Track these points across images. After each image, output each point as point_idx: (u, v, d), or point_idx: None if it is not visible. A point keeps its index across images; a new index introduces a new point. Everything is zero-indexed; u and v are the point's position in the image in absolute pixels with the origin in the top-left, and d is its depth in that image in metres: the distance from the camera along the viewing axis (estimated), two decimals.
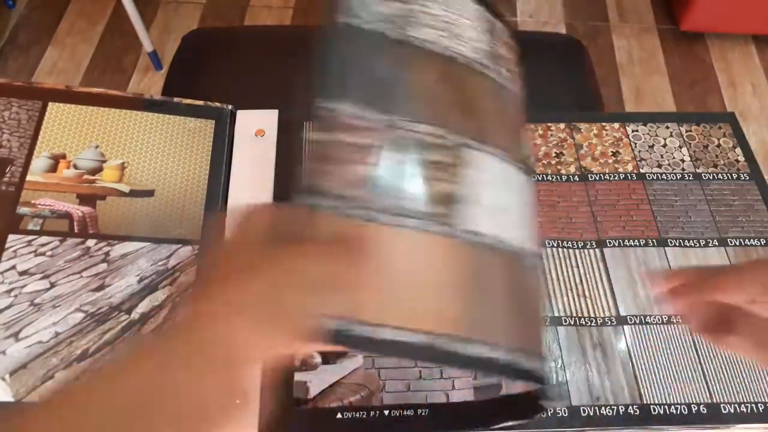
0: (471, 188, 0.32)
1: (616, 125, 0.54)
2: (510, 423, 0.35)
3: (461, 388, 0.40)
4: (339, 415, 0.39)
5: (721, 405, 0.40)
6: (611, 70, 1.38)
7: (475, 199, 0.32)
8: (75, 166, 0.47)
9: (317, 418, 0.39)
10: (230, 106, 0.52)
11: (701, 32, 1.43)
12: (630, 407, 0.40)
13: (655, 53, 1.42)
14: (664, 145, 0.53)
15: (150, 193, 0.47)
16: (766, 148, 1.28)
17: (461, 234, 0.31)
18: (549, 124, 0.53)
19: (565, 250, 0.46)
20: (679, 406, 0.40)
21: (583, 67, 0.78)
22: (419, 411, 0.39)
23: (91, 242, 0.44)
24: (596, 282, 0.45)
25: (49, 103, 0.49)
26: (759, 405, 0.40)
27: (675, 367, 0.41)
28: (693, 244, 0.47)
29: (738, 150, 0.52)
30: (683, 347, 0.42)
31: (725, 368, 0.42)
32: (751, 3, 1.33)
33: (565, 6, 1.50)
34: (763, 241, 0.47)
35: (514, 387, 0.40)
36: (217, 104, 0.51)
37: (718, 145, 0.53)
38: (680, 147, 0.52)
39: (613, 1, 1.51)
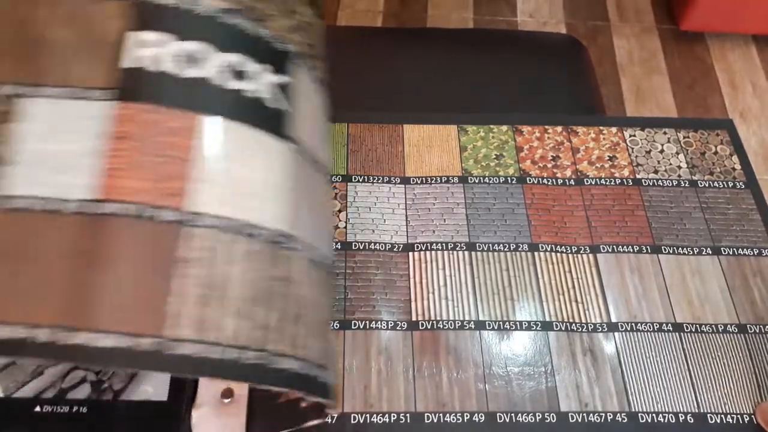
0: (25, 146, 0.29)
1: (614, 129, 0.54)
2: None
3: None
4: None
5: (708, 415, 0.40)
6: (611, 70, 1.38)
7: (29, 157, 0.28)
8: None
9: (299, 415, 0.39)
10: None
11: (701, 32, 1.43)
12: (618, 414, 0.40)
13: (655, 53, 1.42)
14: (661, 151, 0.53)
15: None
16: (767, 148, 1.28)
17: (6, 201, 0.28)
18: (546, 127, 0.53)
19: (558, 254, 0.46)
20: (666, 415, 0.40)
21: (583, 67, 0.78)
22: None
23: None
24: (588, 287, 0.45)
25: None
26: (744, 416, 0.40)
27: (664, 375, 0.42)
28: (686, 252, 0.47)
29: (735, 158, 0.52)
30: (673, 356, 0.42)
31: (714, 379, 0.42)
32: (751, 3, 1.32)
33: (565, 6, 1.49)
34: (756, 251, 0.47)
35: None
36: None
37: (715, 153, 0.53)
38: (677, 153, 0.52)
39: (613, 1, 1.51)
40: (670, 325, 0.44)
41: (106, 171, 0.29)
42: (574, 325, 0.43)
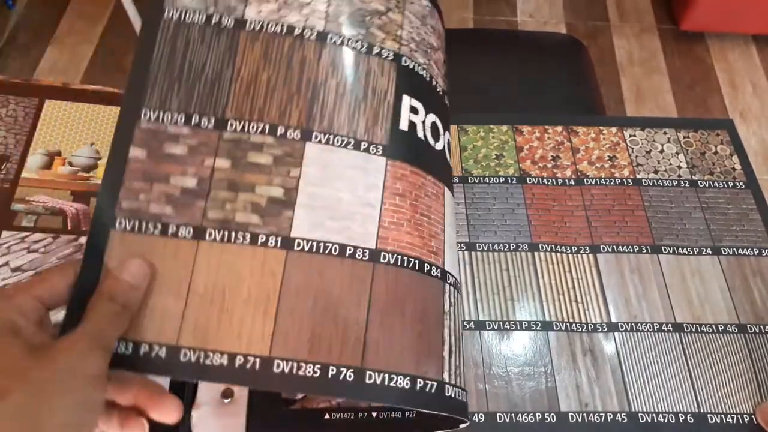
0: (306, 189, 0.31)
1: (614, 129, 0.54)
2: None
3: None
4: (326, 416, 0.39)
5: (708, 415, 0.40)
6: (611, 70, 1.38)
7: (310, 200, 0.30)
8: (70, 164, 0.47)
9: (305, 419, 0.39)
10: None
11: (701, 32, 1.43)
12: (618, 414, 0.40)
13: (655, 53, 1.42)
14: (662, 151, 0.53)
15: None
16: (767, 147, 1.28)
17: (291, 242, 0.30)
18: (546, 127, 0.53)
19: (558, 254, 0.46)
20: (666, 415, 0.40)
21: (583, 67, 0.78)
22: (407, 413, 0.39)
23: (84, 239, 0.44)
24: (589, 287, 0.45)
25: (46, 101, 0.49)
26: (744, 416, 0.40)
27: (664, 375, 0.42)
28: (686, 252, 0.47)
29: (735, 158, 0.52)
30: (673, 356, 0.42)
31: (714, 379, 0.42)
32: (751, 3, 1.32)
33: (565, 6, 1.49)
34: (756, 251, 0.47)
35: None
36: None
37: (715, 153, 0.53)
38: (677, 153, 0.52)
39: (614, 1, 1.51)
40: (670, 325, 0.44)
41: (385, 223, 0.31)
42: (574, 325, 0.43)
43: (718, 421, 0.40)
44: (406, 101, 0.34)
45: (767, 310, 0.45)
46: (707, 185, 0.51)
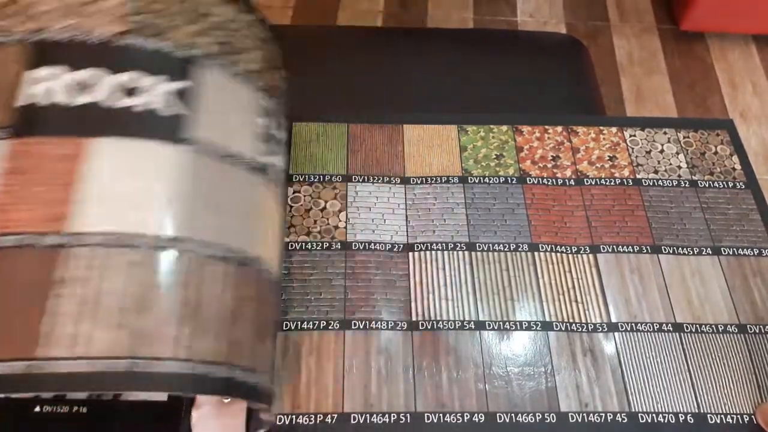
0: None
1: (614, 129, 0.54)
2: None
3: None
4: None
5: (708, 415, 0.40)
6: (611, 70, 1.38)
7: None
8: None
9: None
10: None
11: (701, 32, 1.43)
12: (618, 414, 0.40)
13: (656, 53, 1.42)
14: (662, 151, 0.53)
15: None
16: (767, 147, 1.28)
17: None
18: (546, 127, 0.53)
19: (558, 254, 0.46)
20: (666, 415, 0.40)
21: (583, 67, 0.78)
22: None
23: None
24: (589, 287, 0.45)
25: None
26: (744, 416, 0.40)
27: (664, 375, 0.42)
28: (686, 252, 0.47)
29: (735, 158, 0.52)
30: (673, 356, 0.42)
31: (714, 379, 0.42)
32: (751, 3, 1.32)
33: (565, 6, 1.49)
34: (756, 251, 0.47)
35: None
36: None
37: (716, 153, 0.53)
38: (677, 153, 0.52)
39: (614, 1, 1.51)
40: (670, 325, 0.44)
41: None
42: (574, 325, 0.43)
43: (718, 422, 0.40)
44: (28, 76, 0.32)
45: (767, 310, 0.45)
46: (707, 185, 0.51)
